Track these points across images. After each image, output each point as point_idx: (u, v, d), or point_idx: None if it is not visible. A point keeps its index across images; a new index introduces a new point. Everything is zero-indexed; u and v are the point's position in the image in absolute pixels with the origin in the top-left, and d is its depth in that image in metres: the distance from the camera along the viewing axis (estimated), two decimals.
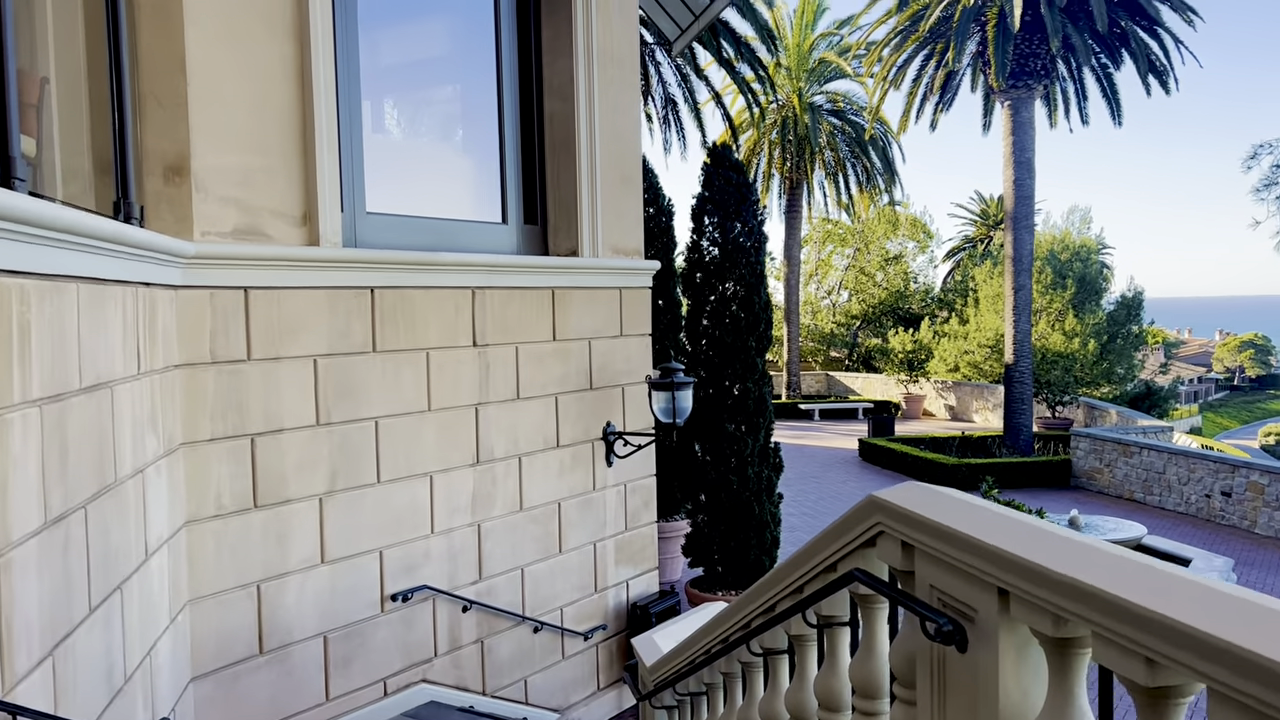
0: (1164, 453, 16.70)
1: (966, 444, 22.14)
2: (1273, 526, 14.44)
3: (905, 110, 23.07)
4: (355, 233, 5.84)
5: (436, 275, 5.98)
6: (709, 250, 8.67)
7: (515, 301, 6.56)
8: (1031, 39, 20.38)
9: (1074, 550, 1.63)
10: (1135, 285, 33.31)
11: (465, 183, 7.12)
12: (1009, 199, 21.41)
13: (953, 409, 31.55)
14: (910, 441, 22.16)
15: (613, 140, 7.38)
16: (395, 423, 5.74)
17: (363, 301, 5.56)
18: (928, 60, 22.58)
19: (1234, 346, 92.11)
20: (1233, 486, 15.16)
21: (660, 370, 7.03)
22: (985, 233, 50.55)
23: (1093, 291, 31.76)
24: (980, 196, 51.94)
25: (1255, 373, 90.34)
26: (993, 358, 31.68)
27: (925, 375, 32.90)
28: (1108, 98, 21.83)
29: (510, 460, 6.55)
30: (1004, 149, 21.34)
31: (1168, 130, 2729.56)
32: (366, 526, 5.59)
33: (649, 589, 7.89)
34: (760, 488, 8.45)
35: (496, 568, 6.48)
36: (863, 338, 41.89)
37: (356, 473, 5.53)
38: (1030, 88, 20.93)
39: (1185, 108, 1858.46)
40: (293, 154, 5.19)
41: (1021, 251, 21.37)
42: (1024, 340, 21.61)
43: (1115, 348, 30.52)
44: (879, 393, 34.37)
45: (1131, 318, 32.63)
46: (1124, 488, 17.61)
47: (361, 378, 5.55)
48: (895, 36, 22.43)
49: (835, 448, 24.36)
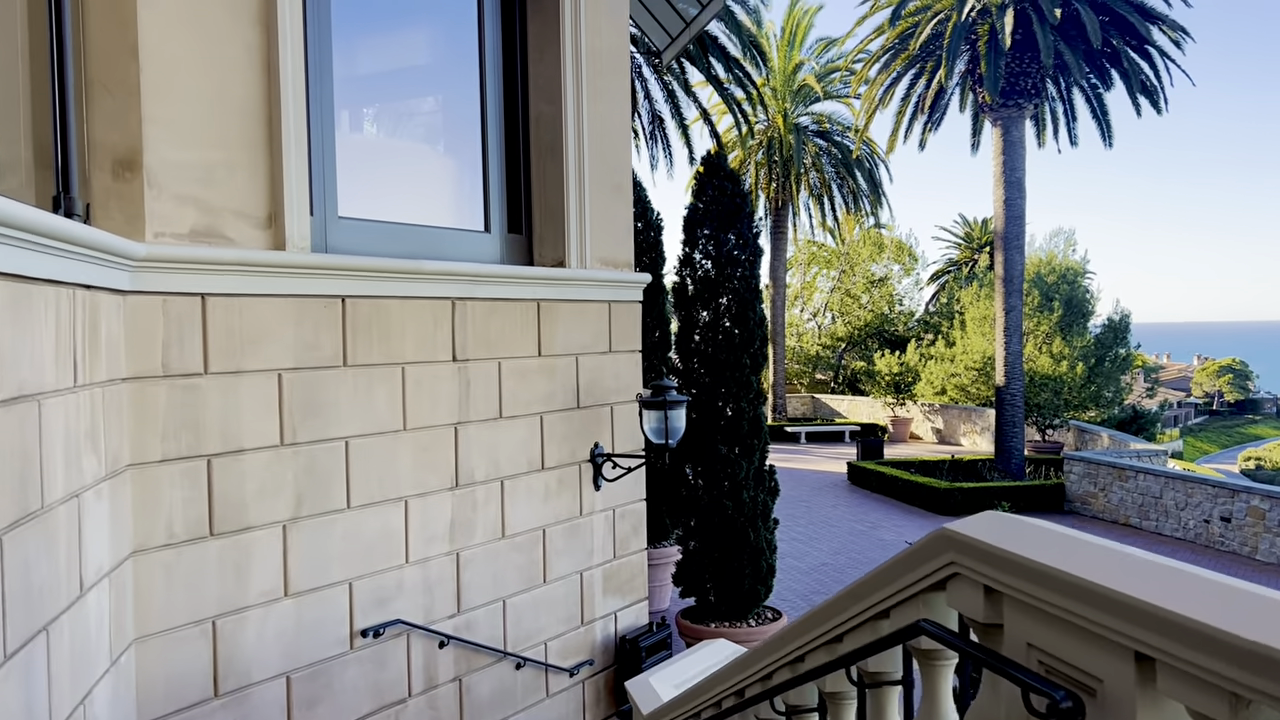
0: (1161, 477, 16.37)
1: (957, 467, 21.79)
2: (1274, 553, 14.11)
3: (894, 129, 22.83)
4: (326, 238, 5.41)
5: (414, 285, 5.56)
6: (702, 264, 8.27)
7: (498, 314, 6.15)
8: (1022, 57, 20.17)
9: (1252, 604, 1.21)
10: (1122, 308, 33.17)
11: (445, 188, 6.71)
12: (999, 219, 21.14)
13: (940, 432, 31.23)
14: (900, 465, 21.79)
15: (602, 144, 6.99)
16: (367, 443, 5.30)
17: (333, 312, 5.13)
18: (917, 78, 22.35)
19: (1213, 371, 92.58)
20: (1232, 511, 14.83)
21: (652, 388, 6.62)
22: (970, 255, 50.46)
23: (1080, 314, 31.59)
24: (964, 219, 51.88)
25: (1234, 397, 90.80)
26: (979, 380, 31.41)
27: (912, 398, 32.58)
28: (1097, 118, 21.63)
29: (491, 484, 6.12)
30: (994, 168, 21.09)
31: (1144, 153, 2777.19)
32: (335, 556, 5.14)
33: (638, 621, 7.44)
34: (755, 513, 8.02)
35: (476, 599, 6.03)
36: (848, 360, 41.61)
37: (324, 497, 5.09)
38: (1021, 106, 20.70)
39: (1170, 130, 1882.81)
40: (257, 150, 4.77)
41: (1013, 272, 21.09)
42: (1015, 362, 21.30)
43: (1103, 371, 30.32)
44: (865, 415, 34.04)
45: (1118, 340, 32.47)
46: (1119, 513, 17.26)
47: (331, 394, 5.11)
48: (885, 54, 22.19)
49: (823, 471, 23.96)
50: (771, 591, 8.26)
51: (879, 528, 17.21)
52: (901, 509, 18.99)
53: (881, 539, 16.31)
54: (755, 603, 8.09)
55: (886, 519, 17.99)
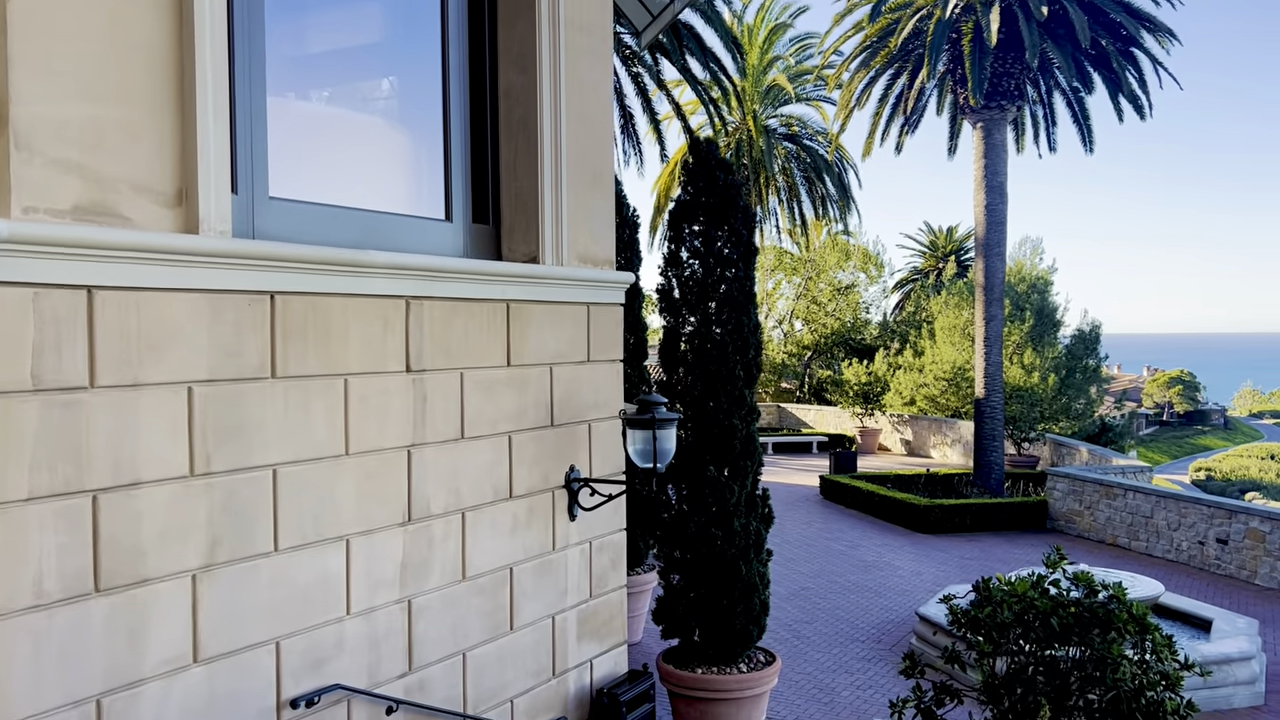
0: (1152, 495, 15.69)
1: (933, 482, 21.08)
2: (1275, 578, 13.44)
3: (871, 130, 22.10)
4: (252, 222, 4.48)
5: (360, 280, 4.63)
6: (690, 263, 7.38)
7: (461, 317, 5.23)
8: (1005, 57, 19.50)
9: None
10: (1091, 318, 32.79)
11: (401, 169, 5.78)
12: (980, 225, 20.44)
13: (909, 444, 30.59)
14: (875, 479, 21.03)
15: (581, 124, 6.10)
16: (301, 471, 4.37)
17: (260, 311, 4.19)
18: (895, 78, 21.64)
19: (1163, 382, 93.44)
20: (1229, 533, 14.16)
21: (638, 404, 5.72)
22: (934, 264, 50.18)
23: (1050, 324, 31.19)
24: (930, 227, 51.63)
25: (1183, 408, 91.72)
26: (950, 391, 30.85)
27: (881, 408, 31.91)
28: (1078, 122, 21.05)
29: (451, 517, 5.19)
30: (975, 172, 20.39)
31: (1086, 165, 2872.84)
32: (259, 611, 4.20)
33: (616, 669, 6.54)
34: (748, 543, 7.14)
35: (431, 654, 5.10)
36: (815, 368, 40.95)
37: (246, 539, 4.14)
38: (1004, 109, 20.03)
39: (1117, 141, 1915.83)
40: (164, 109, 3.83)
41: (994, 280, 20.40)
42: (996, 373, 20.61)
43: (1074, 382, 29.88)
44: (832, 426, 33.35)
45: (1089, 351, 32.10)
46: (1106, 532, 16.58)
47: (255, 412, 4.17)
48: (863, 51, 21.41)
49: (793, 484, 23.15)
50: (765, 631, 7.38)
51: (858, 547, 16.40)
52: (879, 526, 18.21)
53: (862, 559, 15.51)
54: (747, 644, 7.21)
55: (865, 538, 17.19)
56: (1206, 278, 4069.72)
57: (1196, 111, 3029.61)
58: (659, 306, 7.52)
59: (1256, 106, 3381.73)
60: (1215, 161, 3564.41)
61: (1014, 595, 4.62)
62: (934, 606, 10.71)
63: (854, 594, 13.40)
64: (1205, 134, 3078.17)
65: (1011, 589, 4.71)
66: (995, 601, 4.63)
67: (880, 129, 22.06)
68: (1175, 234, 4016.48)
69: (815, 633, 11.48)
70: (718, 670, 7.15)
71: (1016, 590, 4.68)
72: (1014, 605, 4.56)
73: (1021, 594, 4.61)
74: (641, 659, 9.26)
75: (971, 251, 49.77)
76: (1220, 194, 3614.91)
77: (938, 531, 17.57)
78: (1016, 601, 4.58)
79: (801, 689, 9.25)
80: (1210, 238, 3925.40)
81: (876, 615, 12.39)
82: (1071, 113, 20.92)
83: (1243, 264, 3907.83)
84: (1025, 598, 4.59)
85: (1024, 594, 4.61)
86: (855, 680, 9.59)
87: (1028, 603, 4.56)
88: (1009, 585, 4.78)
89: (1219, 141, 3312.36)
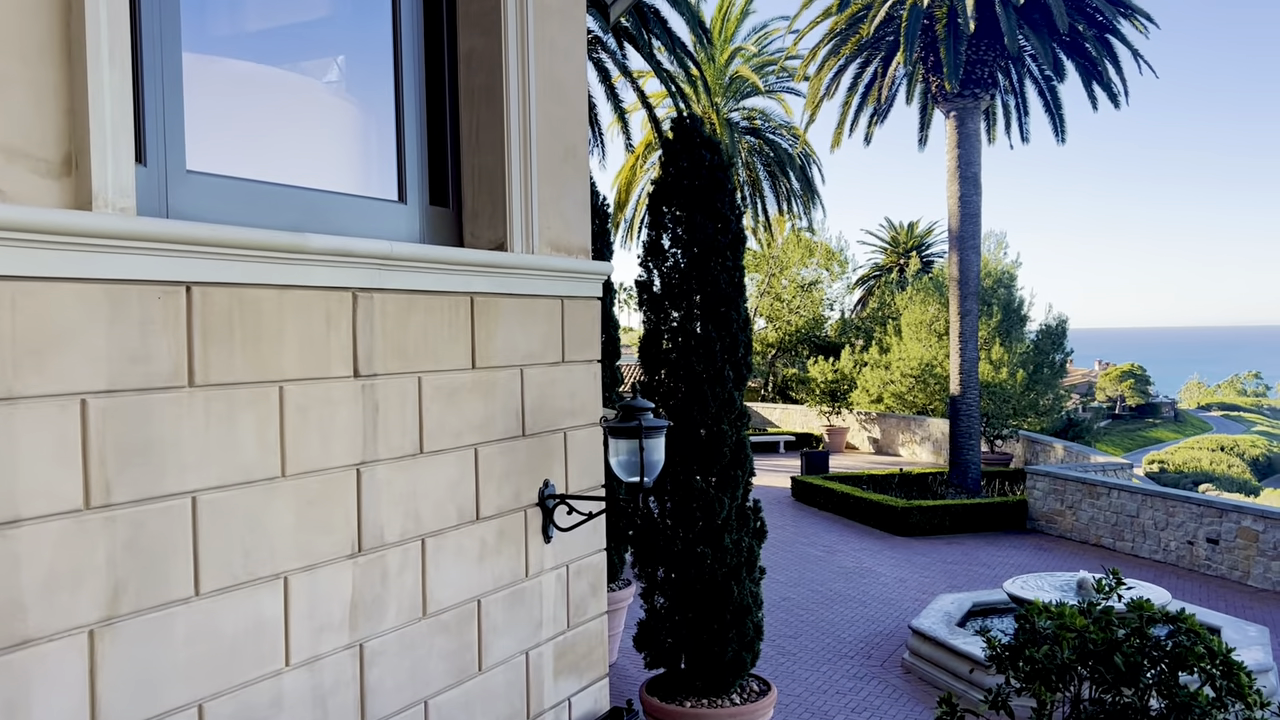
0: (1138, 494, 15.20)
1: (907, 482, 20.55)
2: (1269, 579, 12.98)
3: (840, 121, 21.53)
4: (165, 199, 3.73)
5: (299, 269, 3.90)
6: (672, 252, 6.67)
7: (418, 312, 4.51)
8: (979, 44, 18.95)
9: None
10: (1057, 313, 32.54)
11: (346, 142, 5.03)
12: (954, 217, 19.90)
13: (877, 442, 30.12)
14: (848, 479, 20.45)
15: (552, 93, 5.40)
16: (227, 498, 3.63)
17: (173, 306, 3.45)
18: (865, 66, 21.06)
19: (1115, 376, 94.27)
20: (1220, 533, 13.70)
21: (621, 409, 5.04)
22: (895, 261, 49.96)
23: (1017, 319, 30.91)
24: (890, 223, 51.41)
25: (1135, 402, 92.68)
26: (918, 388, 30.44)
27: (848, 406, 31.42)
28: (1050, 112, 20.59)
29: (409, 545, 4.47)
30: (948, 163, 19.86)
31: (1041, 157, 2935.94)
32: (176, 669, 3.46)
33: (598, 706, 5.84)
34: (739, 561, 6.47)
35: (388, 706, 4.37)
36: (779, 367, 40.45)
37: (158, 583, 3.40)
38: (978, 97, 19.51)
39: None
40: (42, 52, 3.09)
41: (968, 274, 19.88)
42: (971, 369, 20.09)
43: (1042, 378, 29.57)
44: (799, 425, 32.82)
45: (1056, 346, 31.83)
46: (1089, 532, 16.09)
47: (169, 429, 3.43)
48: (832, 39, 20.78)
49: (762, 485, 22.53)
50: (759, 657, 6.71)
51: (836, 552, 15.80)
52: (856, 529, 17.62)
53: (842, 566, 14.91)
54: (740, 672, 6.53)
55: (843, 542, 16.59)
56: (1146, 273, 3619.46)
57: (1145, 108, 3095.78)
58: (639, 300, 6.82)
59: (1204, 102, 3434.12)
60: (1155, 158, 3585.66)
61: (1067, 628, 3.97)
62: (927, 618, 10.11)
63: (838, 604, 12.78)
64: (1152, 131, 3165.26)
65: (1061, 620, 4.06)
66: (1049, 638, 3.97)
67: (849, 119, 21.50)
68: (1114, 229, 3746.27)
69: (801, 648, 10.83)
70: (708, 703, 6.47)
71: (1067, 621, 4.03)
72: (1071, 641, 3.91)
73: (1078, 628, 3.97)
74: (618, 685, 8.56)
75: (934, 247, 49.61)
76: (1159, 190, 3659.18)
77: (915, 534, 17.03)
78: (1075, 637, 3.93)
79: (794, 713, 8.58)
80: (1150, 232, 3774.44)
81: (863, 628, 11.77)
82: (1044, 101, 20.45)
83: (1183, 259, 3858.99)
84: (1082, 633, 3.94)
85: (1081, 628, 3.96)
86: (849, 703, 8.94)
87: (1084, 638, 3.92)
88: (1056, 614, 4.13)
89: (1166, 138, 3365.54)
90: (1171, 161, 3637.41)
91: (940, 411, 29.27)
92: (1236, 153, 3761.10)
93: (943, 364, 29.40)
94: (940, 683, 9.40)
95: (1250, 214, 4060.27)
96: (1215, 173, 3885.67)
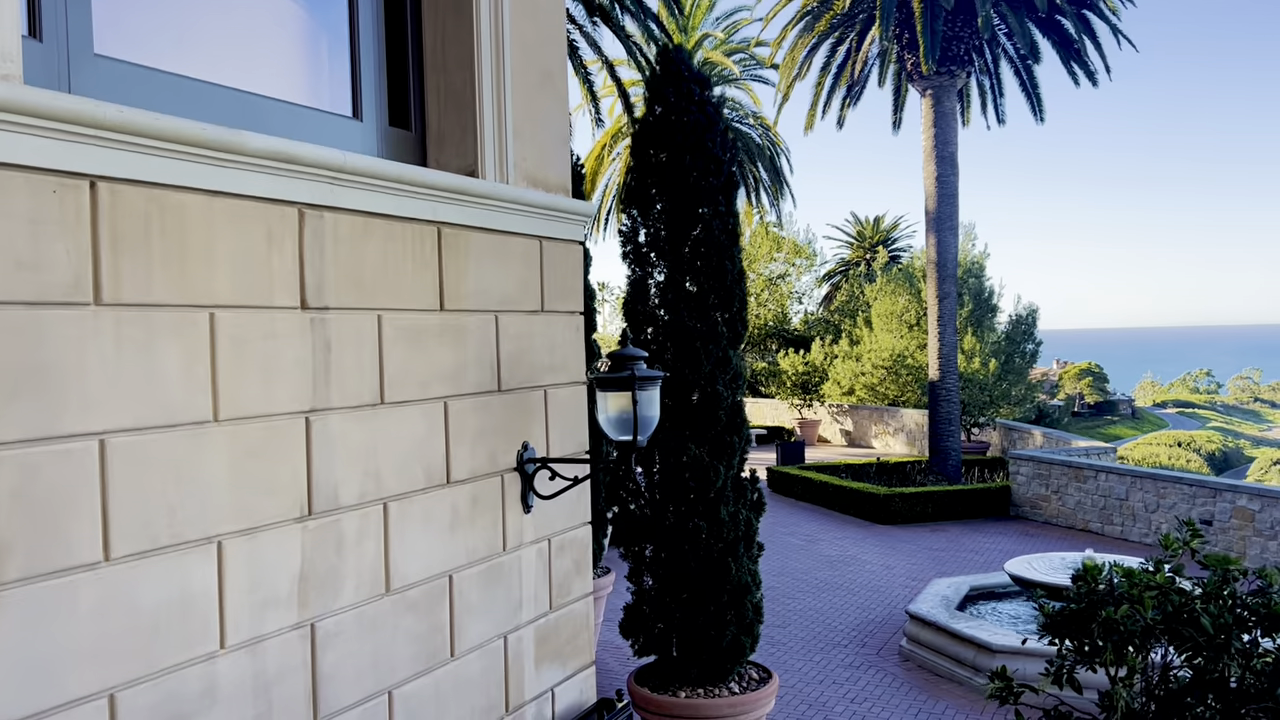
0: (1126, 476, 14.77)
1: (885, 470, 20.07)
2: (1265, 560, 12.57)
3: (813, 103, 21.03)
4: (66, 85, 3.08)
5: (234, 174, 3.25)
6: (660, 197, 6.06)
7: (377, 238, 3.88)
8: (955, 21, 18.49)
9: None
10: (1027, 303, 32.34)
11: (294, 44, 4.37)
12: (931, 198, 19.44)
13: (850, 434, 29.71)
14: (827, 469, 19.93)
15: (526, 7, 4.78)
16: (144, 444, 2.98)
17: (73, 202, 2.80)
18: (838, 44, 20.55)
19: (1074, 374, 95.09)
20: (1214, 513, 13.28)
21: (611, 359, 4.43)
22: (862, 255, 49.78)
23: (988, 309, 30.61)
24: (856, 218, 51.25)
25: (1093, 399, 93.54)
26: (889, 379, 30.07)
27: (819, 399, 30.99)
28: (1027, 91, 20.18)
29: (369, 509, 3.83)
30: (924, 144, 19.41)
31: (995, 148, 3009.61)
32: (79, 650, 2.81)
33: (584, 697, 5.23)
34: (737, 535, 5.88)
35: (346, 697, 3.73)
36: (749, 360, 40.02)
37: (55, 545, 2.75)
38: (954, 75, 19.08)
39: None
40: None
41: (946, 256, 19.42)
42: (950, 354, 19.62)
43: (1014, 367, 29.30)
44: (770, 418, 32.37)
45: (1026, 336, 31.59)
46: (1076, 517, 15.65)
47: (68, 353, 2.78)
48: (804, 16, 20.24)
49: None
50: (758, 641, 6.11)
51: (817, 541, 15.26)
52: (835, 518, 17.09)
53: (825, 554, 14.36)
54: (739, 658, 5.93)
55: (823, 530, 16.06)
56: (1101, 275, 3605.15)
57: (1099, 106, 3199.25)
58: (622, 253, 6.20)
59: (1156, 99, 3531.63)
60: (1106, 159, 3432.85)
61: (1149, 586, 3.40)
62: (925, 603, 9.58)
63: (825, 593, 12.23)
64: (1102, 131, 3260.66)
65: (1135, 579, 3.49)
66: (1124, 598, 3.40)
67: (822, 100, 21.01)
68: (1068, 233, 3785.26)
69: (791, 638, 10.26)
70: (705, 693, 5.86)
71: (1141, 580, 3.47)
72: (1153, 600, 3.34)
73: (1161, 584, 3.40)
74: (598, 681, 7.93)
75: (901, 241, 49.42)
76: (1104, 190, 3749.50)
77: (897, 522, 16.54)
78: (1156, 595, 3.36)
79: (789, 706, 8.00)
80: (1097, 235, 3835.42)
81: (853, 615, 11.23)
82: (1019, 80, 20.05)
83: (1131, 260, 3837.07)
84: (1164, 589, 3.38)
85: (1164, 584, 3.40)
86: (847, 692, 8.37)
87: (1167, 596, 3.36)
88: (1125, 572, 3.57)
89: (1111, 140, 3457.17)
90: (1123, 163, 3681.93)
91: (913, 402, 28.93)
92: (1181, 159, 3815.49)
93: (915, 355, 29.07)
94: (942, 669, 8.89)
95: (1196, 215, 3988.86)
96: (1163, 176, 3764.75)
